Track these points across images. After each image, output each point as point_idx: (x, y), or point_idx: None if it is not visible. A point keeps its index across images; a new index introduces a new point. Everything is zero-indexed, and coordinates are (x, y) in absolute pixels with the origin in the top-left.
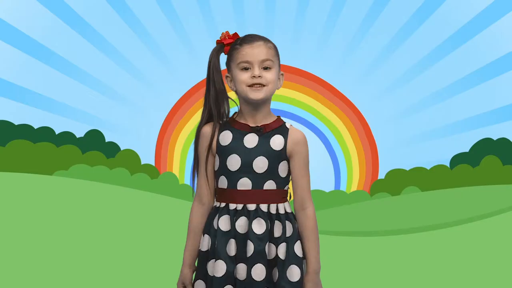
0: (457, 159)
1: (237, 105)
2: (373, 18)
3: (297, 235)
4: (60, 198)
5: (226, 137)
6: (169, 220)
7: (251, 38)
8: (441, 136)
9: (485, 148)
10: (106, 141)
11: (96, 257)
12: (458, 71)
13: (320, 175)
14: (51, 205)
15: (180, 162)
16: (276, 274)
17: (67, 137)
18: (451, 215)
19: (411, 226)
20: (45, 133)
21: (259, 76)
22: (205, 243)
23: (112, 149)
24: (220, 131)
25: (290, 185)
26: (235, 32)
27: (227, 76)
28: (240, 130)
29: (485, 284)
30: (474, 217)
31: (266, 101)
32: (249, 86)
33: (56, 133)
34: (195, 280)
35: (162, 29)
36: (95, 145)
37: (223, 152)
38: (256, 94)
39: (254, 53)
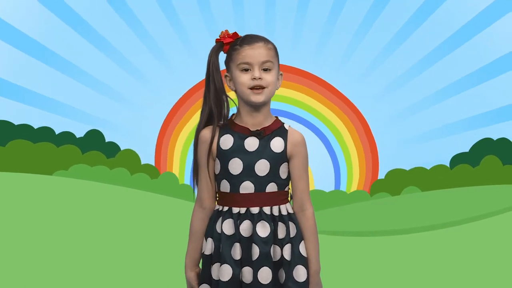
0: (457, 159)
1: (236, 105)
2: (374, 17)
3: (301, 236)
4: (60, 198)
5: (227, 141)
6: (170, 220)
7: (251, 39)
8: (441, 136)
9: (485, 148)
10: (106, 141)
11: (96, 258)
12: (458, 71)
13: (320, 175)
14: (51, 206)
15: (180, 162)
16: (282, 275)
17: (67, 137)
18: (451, 215)
19: (411, 226)
20: (45, 133)
21: (259, 78)
22: (209, 246)
23: (112, 149)
24: (221, 134)
25: (290, 185)
26: (235, 32)
27: (226, 76)
28: (240, 134)
29: (485, 284)
30: (474, 217)
31: (266, 102)
32: (250, 88)
33: (56, 133)
34: (200, 284)
35: (162, 29)
36: (95, 145)
37: (224, 156)
38: (257, 97)
39: (254, 54)
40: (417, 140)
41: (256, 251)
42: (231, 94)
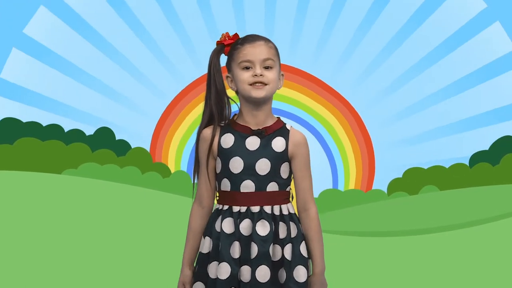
0: (477, 158)
1: (237, 105)
2: (373, 19)
3: (302, 236)
4: (69, 197)
5: (228, 140)
6: (181, 220)
7: (252, 38)
8: (460, 134)
9: (505, 146)
10: (117, 139)
11: (107, 258)
12: (472, 66)
13: (316, 174)
14: (60, 205)
15: (176, 157)
16: (282, 275)
17: (76, 135)
18: (471, 215)
19: (429, 226)
20: (54, 130)
21: (260, 75)
22: (206, 245)
23: (122, 147)
24: (222, 133)
25: (292, 186)
26: (235, 33)
27: (227, 77)
28: (242, 133)
29: (507, 284)
30: (494, 217)
31: (267, 100)
32: (250, 84)
33: (65, 131)
34: (194, 282)
35: (163, 30)
36: (105, 143)
37: (225, 154)
38: (258, 93)
39: (255, 52)
40: (436, 138)
41: (254, 249)
42: (233, 96)
